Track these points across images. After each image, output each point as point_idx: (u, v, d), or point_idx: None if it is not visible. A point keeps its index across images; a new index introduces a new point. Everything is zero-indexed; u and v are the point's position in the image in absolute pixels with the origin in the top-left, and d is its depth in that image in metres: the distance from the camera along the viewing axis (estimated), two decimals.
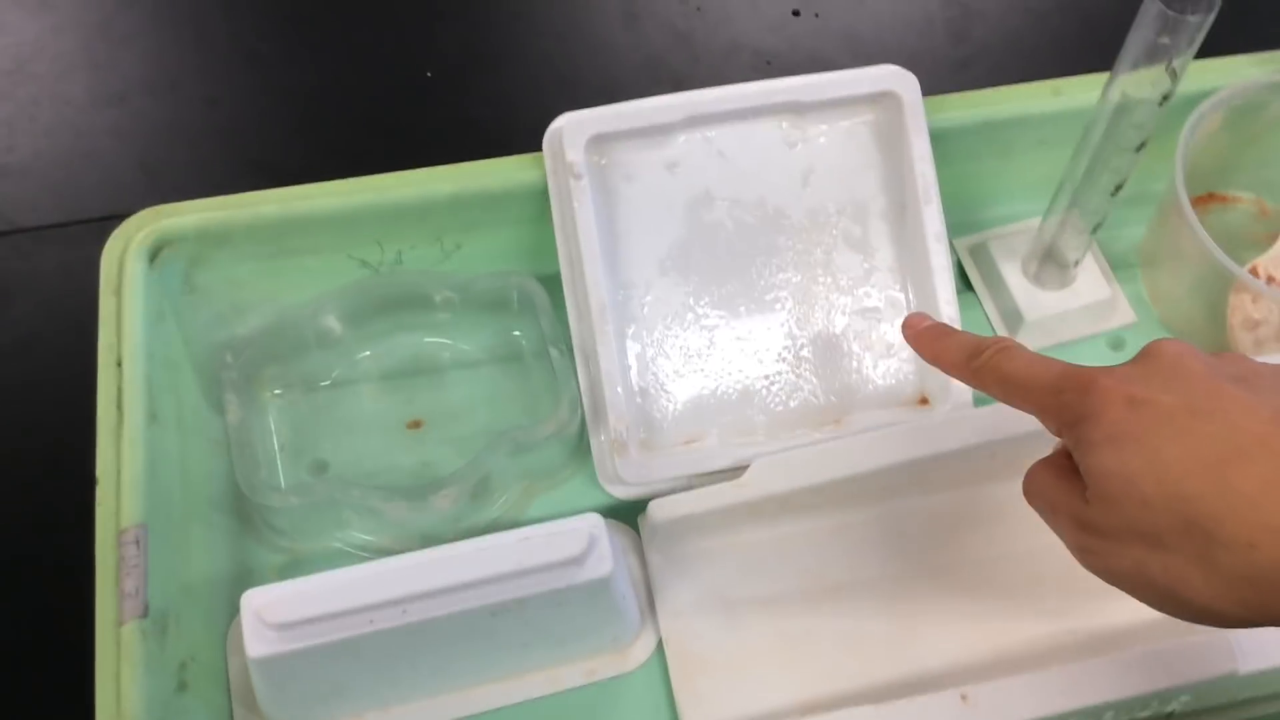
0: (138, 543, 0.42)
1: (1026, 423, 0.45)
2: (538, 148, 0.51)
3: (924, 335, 0.42)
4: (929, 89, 0.59)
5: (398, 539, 0.48)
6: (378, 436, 0.52)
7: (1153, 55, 0.41)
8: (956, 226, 0.56)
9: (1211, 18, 0.39)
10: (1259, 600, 0.31)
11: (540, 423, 0.47)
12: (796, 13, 0.64)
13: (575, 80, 0.63)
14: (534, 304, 0.51)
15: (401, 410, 0.52)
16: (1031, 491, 0.38)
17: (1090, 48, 0.64)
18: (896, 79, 0.51)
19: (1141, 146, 0.45)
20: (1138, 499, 0.33)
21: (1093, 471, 0.34)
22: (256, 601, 0.41)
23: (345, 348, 0.52)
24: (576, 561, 0.41)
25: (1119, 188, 0.48)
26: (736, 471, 0.47)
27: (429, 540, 0.48)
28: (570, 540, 0.41)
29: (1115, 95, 0.44)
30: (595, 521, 0.42)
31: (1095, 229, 0.50)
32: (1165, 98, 0.43)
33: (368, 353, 0.53)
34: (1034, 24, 0.66)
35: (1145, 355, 0.36)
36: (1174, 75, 0.42)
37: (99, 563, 0.42)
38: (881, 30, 0.64)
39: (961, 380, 0.41)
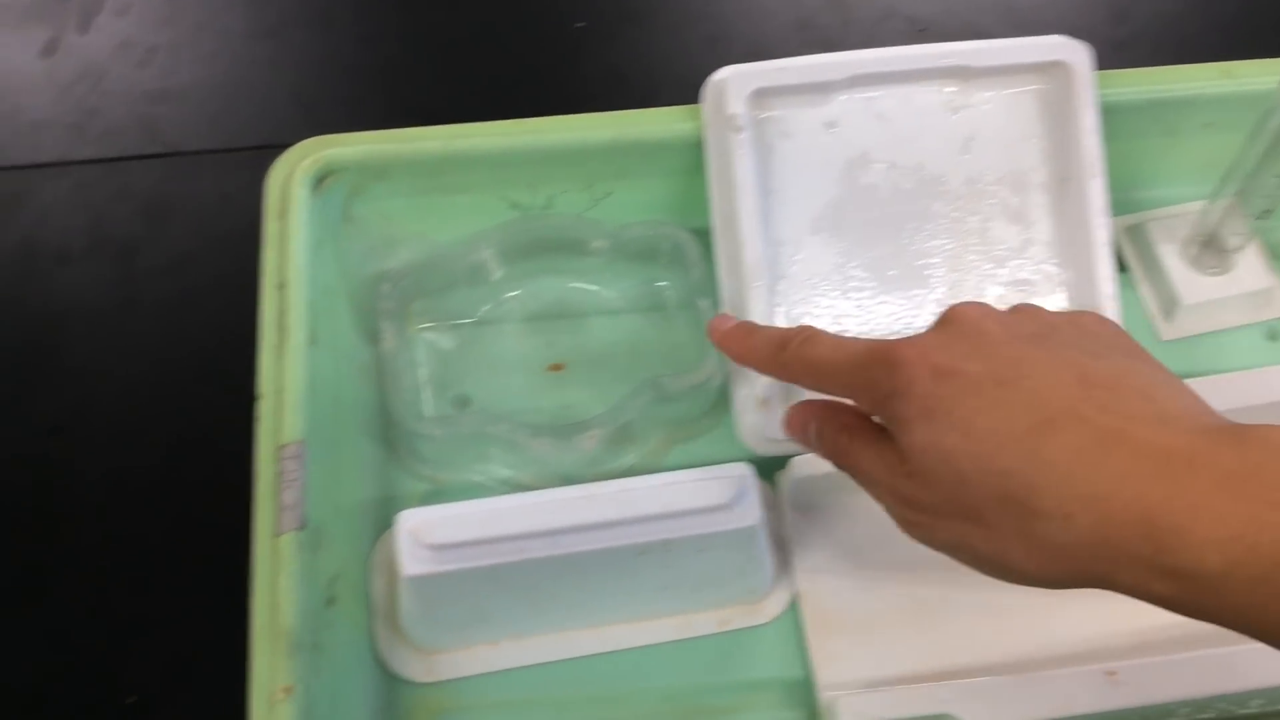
0: (298, 458, 0.43)
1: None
2: (685, 102, 0.51)
3: (730, 335, 0.43)
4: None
5: (537, 476, 0.49)
6: (520, 376, 0.52)
7: None
8: (1115, 205, 0.55)
9: None
10: (1078, 567, 0.31)
11: (688, 372, 0.48)
12: None
13: (724, 37, 0.63)
14: (684, 255, 0.51)
15: (544, 352, 0.53)
16: (851, 466, 0.38)
17: (1259, 34, 0.62)
18: (1068, 49, 0.50)
19: None
20: (954, 476, 0.33)
21: (909, 449, 0.34)
22: (411, 522, 0.41)
23: (494, 286, 0.53)
24: (725, 508, 0.42)
25: None
26: None
27: (569, 480, 0.49)
28: (721, 486, 0.42)
29: None
30: (745, 470, 0.43)
31: (1262, 216, 0.49)
32: None
33: (515, 293, 0.53)
34: (1197, 7, 0.64)
35: (944, 321, 0.37)
36: None
37: (259, 476, 0.43)
38: (1041, 3, 0.63)
39: (772, 376, 0.41)
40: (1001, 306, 0.51)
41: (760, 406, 0.48)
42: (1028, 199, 0.51)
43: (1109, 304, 0.49)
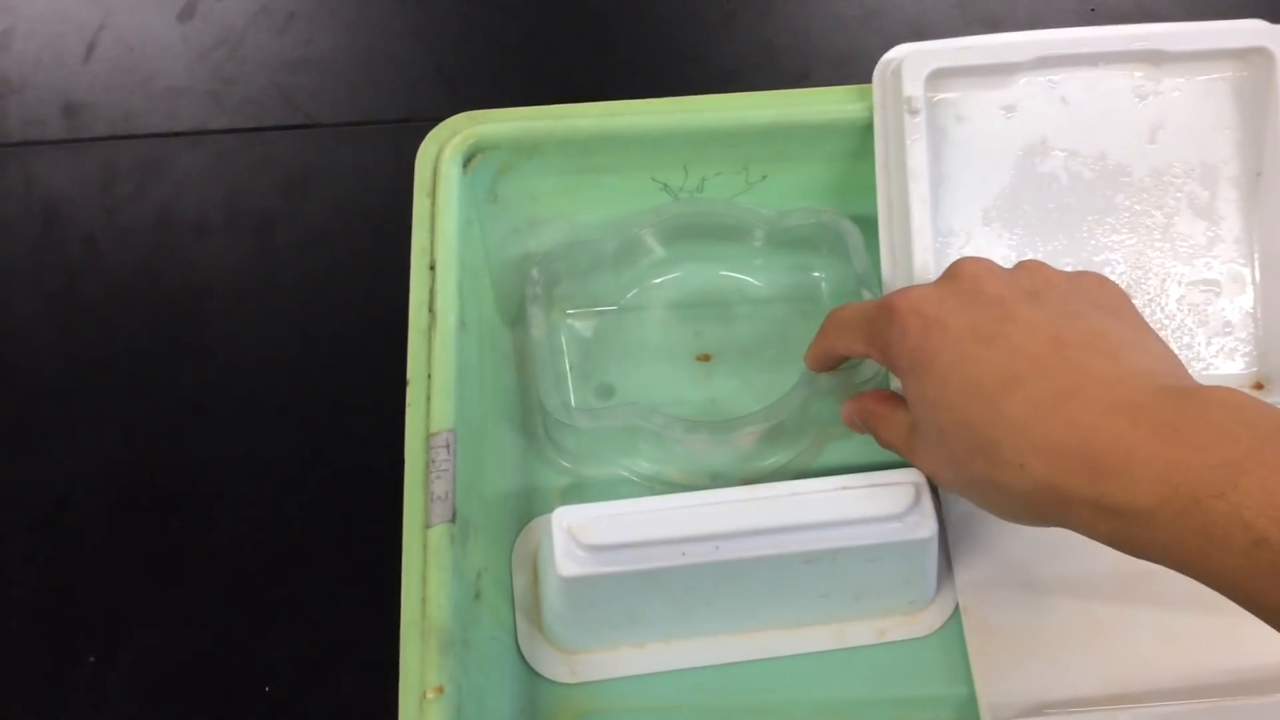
0: (448, 447, 0.42)
1: None
2: (838, 82, 0.49)
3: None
4: None
5: (686, 473, 0.47)
6: (666, 366, 0.50)
7: None
8: None
9: None
10: (1037, 511, 0.34)
11: (854, 368, 0.45)
12: None
13: (882, 13, 0.60)
14: (846, 244, 0.48)
15: (691, 342, 0.51)
16: (879, 436, 0.41)
17: None
18: (1269, 35, 0.46)
19: None
20: (936, 427, 0.36)
21: (906, 395, 0.38)
22: (568, 520, 0.40)
23: (642, 271, 0.51)
24: (898, 518, 0.39)
25: None
26: None
27: (718, 478, 0.47)
28: (895, 494, 0.39)
29: None
30: (918, 478, 0.40)
31: None
32: None
33: (663, 279, 0.51)
34: None
35: (947, 274, 0.39)
36: None
37: (409, 465, 0.42)
38: None
39: (824, 352, 0.43)
40: (1185, 307, 0.48)
41: None
42: (1217, 194, 0.48)
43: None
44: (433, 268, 0.46)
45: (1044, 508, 0.34)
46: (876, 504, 0.39)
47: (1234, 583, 0.31)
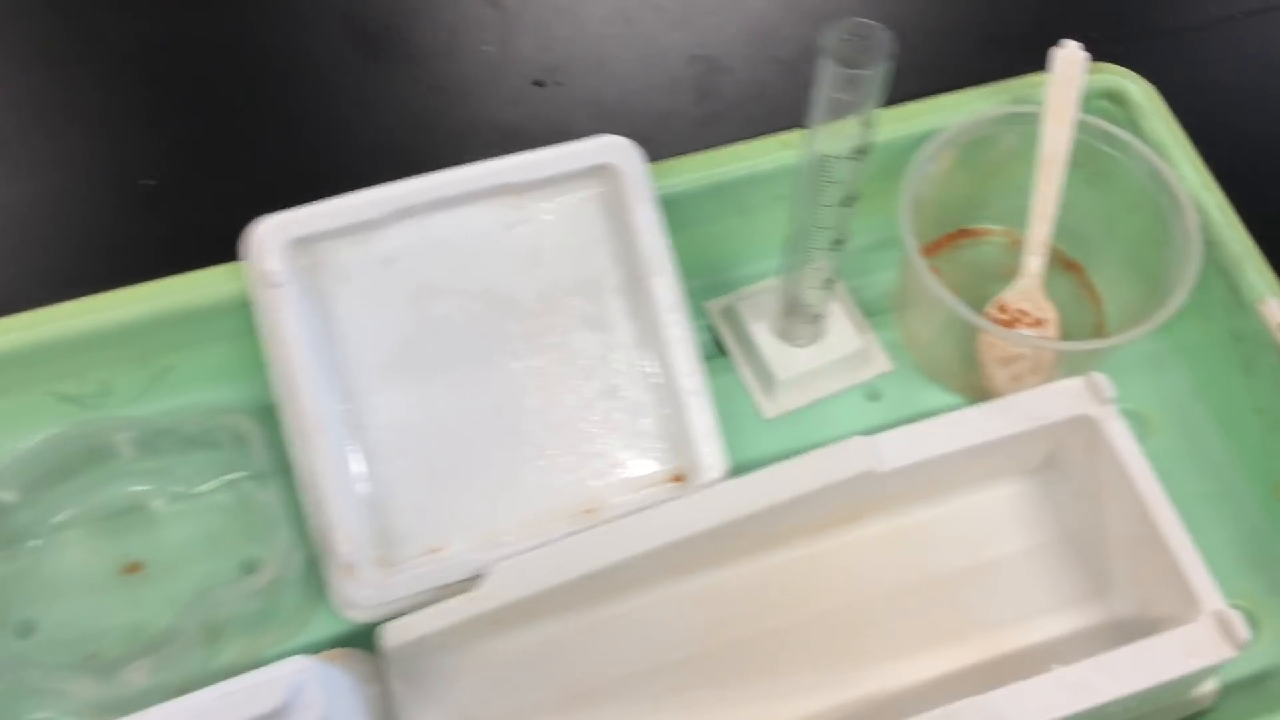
0: None
1: (779, 493, 0.43)
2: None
3: None
4: (677, 149, 0.57)
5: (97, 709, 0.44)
6: (89, 589, 0.47)
7: (837, 111, 0.40)
8: (708, 289, 0.55)
9: (883, 69, 0.38)
10: None
11: (251, 575, 0.44)
12: (539, 83, 0.62)
13: (311, 173, 0.60)
14: (246, 441, 0.47)
15: (116, 556, 0.48)
16: None
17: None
18: (614, 150, 0.49)
19: (850, 201, 0.44)
20: None
21: None
22: None
23: (39, 510, 0.48)
24: (278, 715, 0.38)
25: (839, 242, 0.46)
26: (481, 579, 0.44)
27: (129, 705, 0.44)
28: (267, 693, 0.38)
29: (811, 152, 0.42)
30: (301, 666, 0.39)
31: (828, 284, 0.49)
32: (860, 151, 0.42)
33: (68, 513, 0.48)
34: (783, 73, 0.65)
35: None
36: (866, 126, 0.41)
37: None
38: (626, 94, 0.62)
39: None
40: (597, 417, 0.49)
41: (346, 574, 0.45)
42: (605, 304, 0.50)
43: (694, 399, 0.48)
44: None
45: None
46: (251, 706, 0.37)
47: None
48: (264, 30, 0.63)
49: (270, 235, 0.46)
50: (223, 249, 0.48)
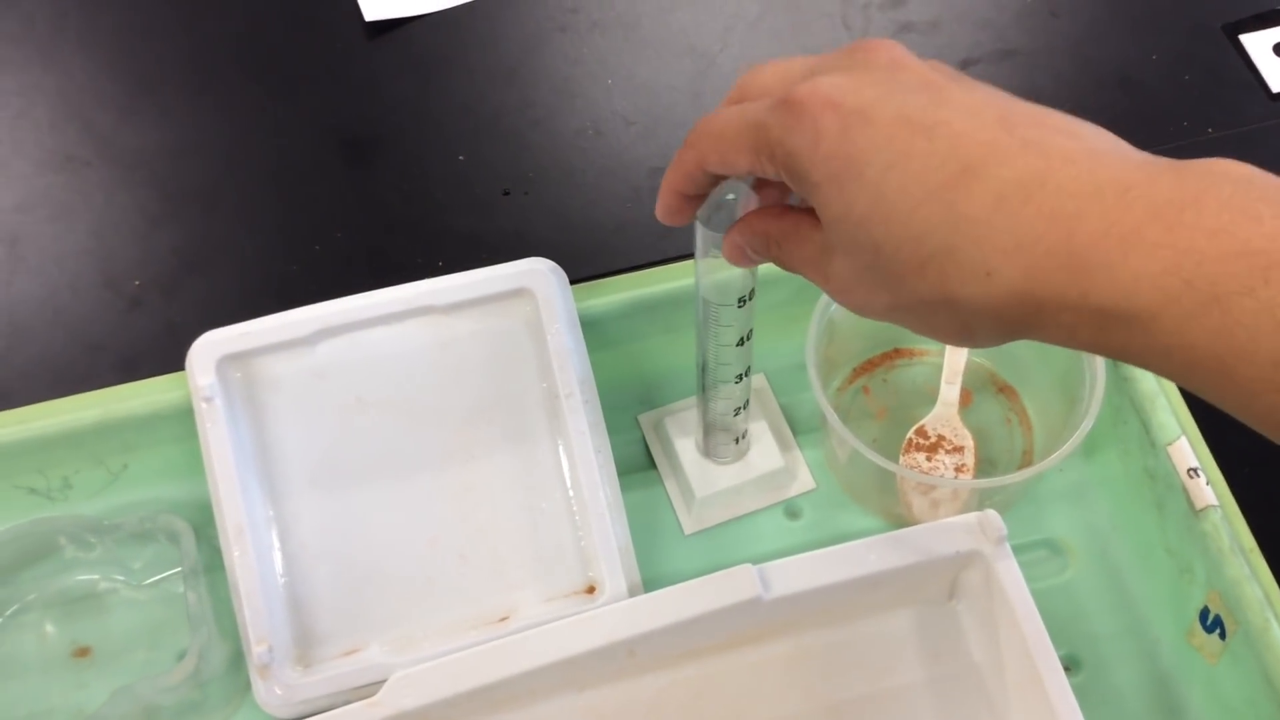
0: None
1: (665, 617, 0.44)
2: None
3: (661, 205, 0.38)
4: (636, 258, 0.59)
5: None
6: (41, 669, 0.51)
7: (719, 267, 0.41)
8: (642, 402, 0.57)
9: None
10: (1005, 325, 0.29)
11: (166, 672, 0.47)
12: (506, 192, 0.65)
13: (280, 282, 0.63)
14: (179, 539, 0.50)
15: (68, 641, 0.51)
16: (787, 265, 0.35)
17: None
18: (532, 275, 0.51)
19: (744, 340, 0.46)
20: (870, 246, 0.30)
21: (822, 215, 0.31)
22: None
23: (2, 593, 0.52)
24: None
25: (741, 376, 0.48)
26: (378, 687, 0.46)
27: None
28: None
29: (701, 300, 0.44)
30: None
31: (740, 411, 0.50)
32: (743, 300, 0.43)
33: (28, 597, 0.52)
34: None
35: (851, 54, 0.32)
36: (749, 276, 0.43)
37: None
38: (588, 205, 0.64)
39: (683, 175, 0.36)
40: (513, 530, 0.51)
41: (262, 674, 0.47)
42: (525, 421, 0.52)
43: (603, 517, 0.49)
44: None
45: (1014, 319, 0.29)
46: None
47: (1251, 397, 0.26)
48: (264, 136, 0.67)
49: (204, 352, 0.49)
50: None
